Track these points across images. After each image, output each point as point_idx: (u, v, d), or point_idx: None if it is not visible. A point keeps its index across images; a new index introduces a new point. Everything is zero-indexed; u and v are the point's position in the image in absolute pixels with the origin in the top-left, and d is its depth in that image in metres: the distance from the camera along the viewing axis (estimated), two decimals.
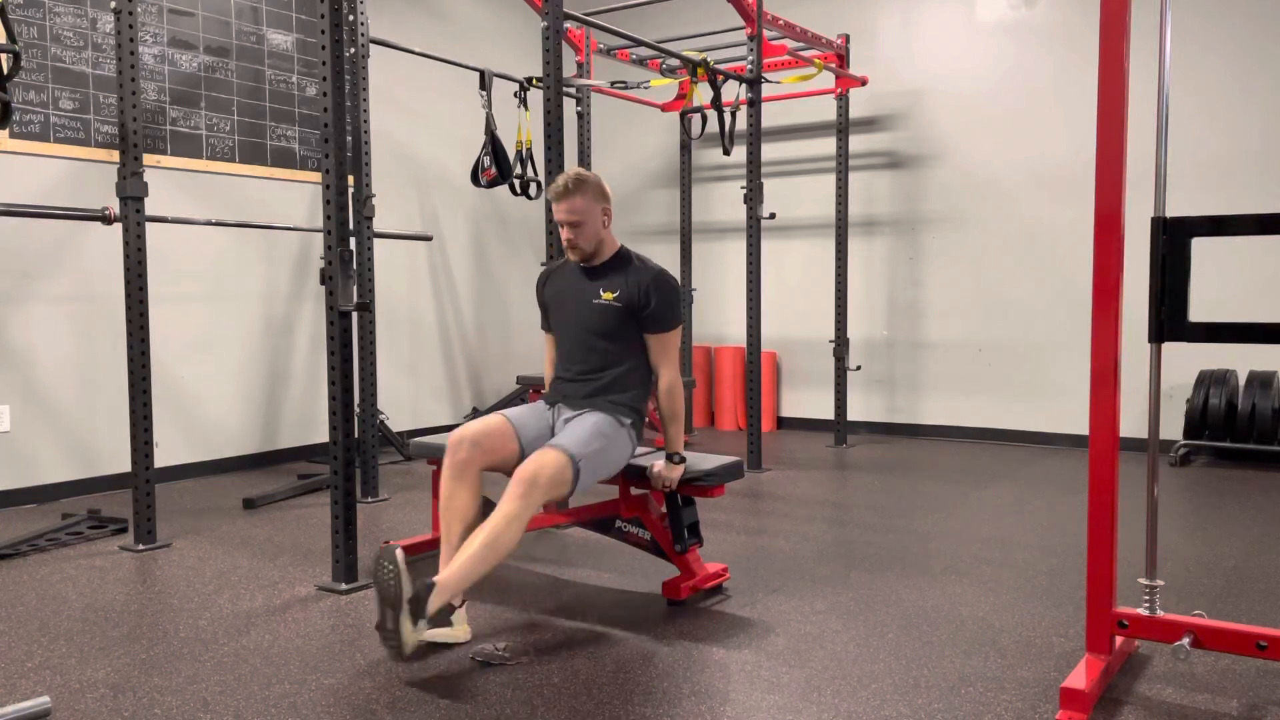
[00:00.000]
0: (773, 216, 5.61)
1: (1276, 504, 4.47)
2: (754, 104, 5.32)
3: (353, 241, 4.53)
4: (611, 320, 3.01)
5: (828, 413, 6.60)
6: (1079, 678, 2.30)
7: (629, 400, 3.02)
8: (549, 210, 3.82)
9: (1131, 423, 5.44)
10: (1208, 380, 5.41)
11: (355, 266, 4.35)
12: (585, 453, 2.80)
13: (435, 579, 2.53)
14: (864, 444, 6.32)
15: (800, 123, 6.89)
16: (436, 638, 2.65)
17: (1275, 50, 5.44)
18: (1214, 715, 2.29)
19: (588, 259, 3.07)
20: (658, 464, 3.04)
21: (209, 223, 4.68)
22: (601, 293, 3.02)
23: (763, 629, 2.88)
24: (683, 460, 3.04)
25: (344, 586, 3.24)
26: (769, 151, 6.81)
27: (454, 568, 2.58)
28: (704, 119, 5.69)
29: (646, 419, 3.14)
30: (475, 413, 6.74)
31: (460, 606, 2.64)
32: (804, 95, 6.51)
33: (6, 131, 4.44)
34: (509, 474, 2.79)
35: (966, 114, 6.31)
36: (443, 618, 2.54)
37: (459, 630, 2.71)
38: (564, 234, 3.01)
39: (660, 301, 3.02)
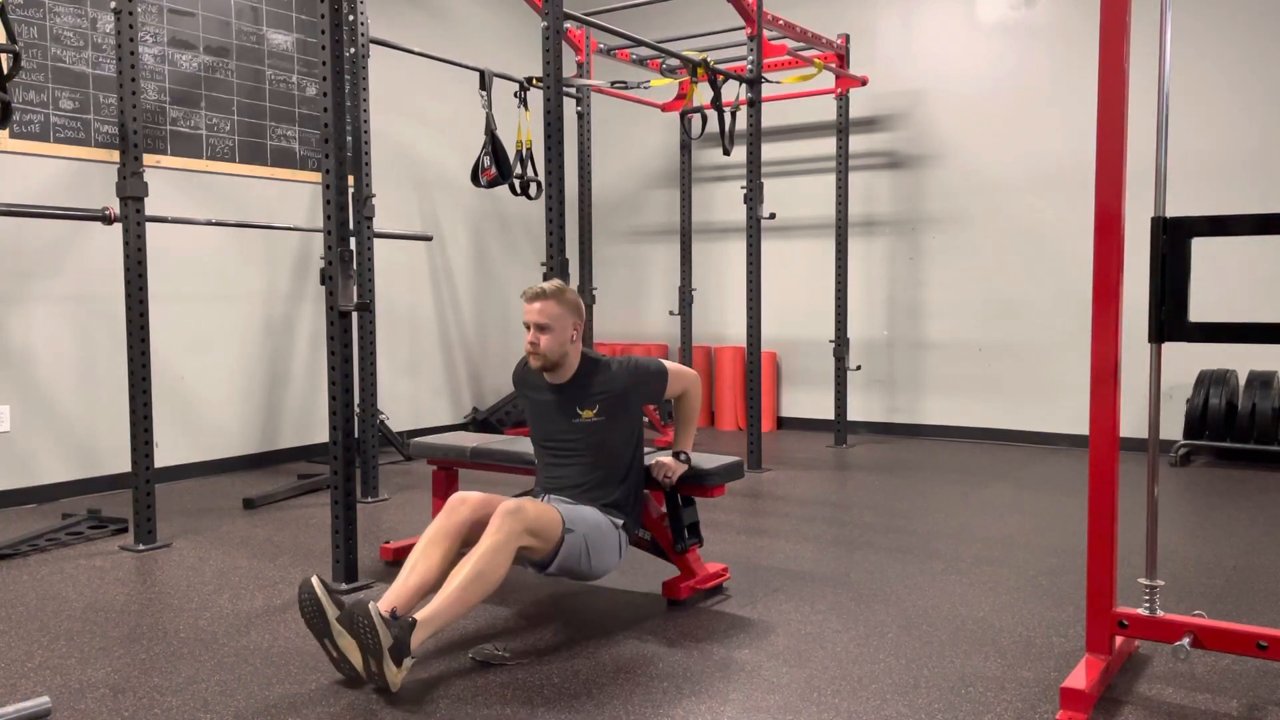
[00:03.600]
0: (773, 216, 5.61)
1: (1276, 504, 4.47)
2: (754, 104, 5.32)
3: (353, 241, 4.53)
4: (595, 435, 2.98)
5: (828, 413, 6.60)
6: (1079, 678, 2.30)
7: (617, 499, 2.98)
8: (549, 210, 3.82)
9: (1131, 423, 5.44)
10: (1208, 380, 5.41)
11: (355, 266, 4.35)
12: (576, 528, 2.79)
13: (417, 616, 2.44)
14: (864, 444, 6.32)
15: (800, 123, 6.89)
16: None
17: (1275, 50, 5.44)
18: (1214, 715, 2.29)
19: (549, 369, 2.99)
20: (664, 456, 3.08)
21: (209, 223, 4.68)
22: (580, 412, 2.98)
23: (763, 629, 2.88)
24: (688, 459, 3.08)
25: (344, 586, 3.24)
26: (769, 151, 6.81)
27: (438, 602, 2.50)
28: (704, 119, 5.69)
29: (644, 504, 3.11)
30: (475, 413, 6.74)
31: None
32: (804, 95, 6.51)
33: (6, 131, 4.44)
34: None
35: (966, 114, 6.31)
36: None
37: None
38: (529, 336, 2.96)
39: (644, 384, 3.02)
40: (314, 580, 2.41)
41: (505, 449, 3.50)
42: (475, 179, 5.21)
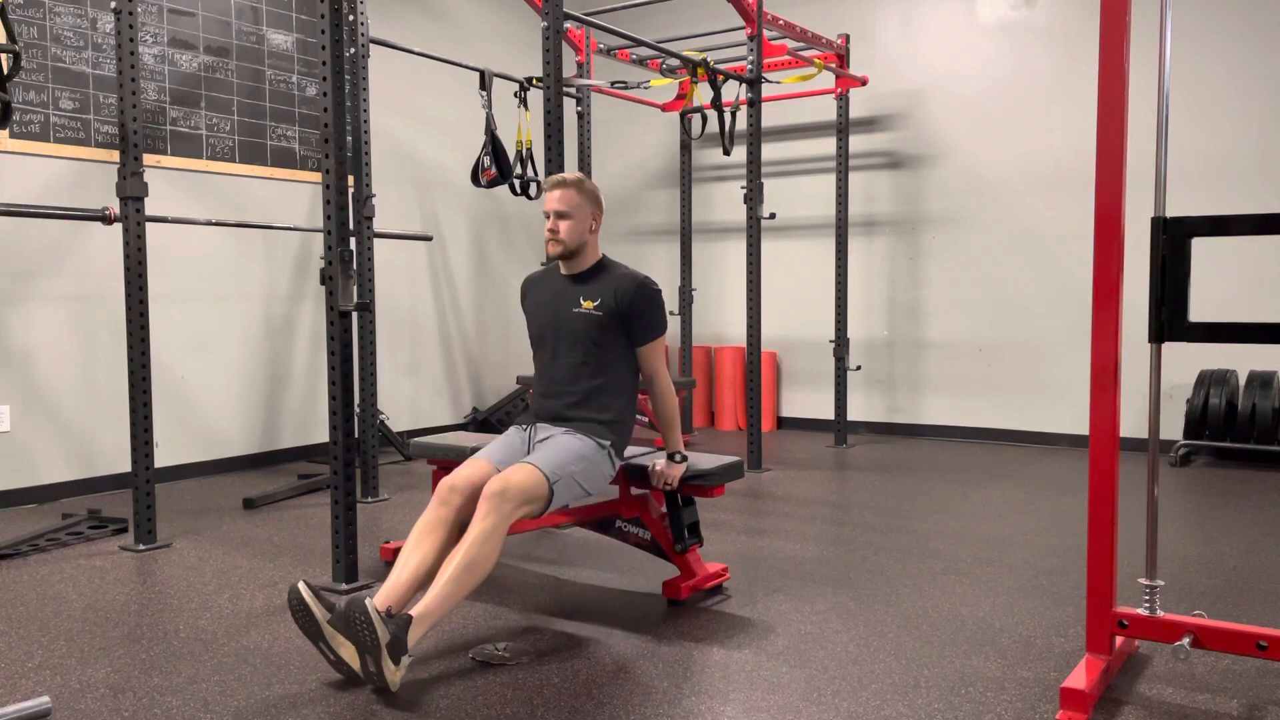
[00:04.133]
0: (773, 216, 5.61)
1: (1276, 504, 4.47)
2: (754, 104, 5.32)
3: (353, 241, 4.53)
4: (591, 331, 2.95)
5: (828, 413, 6.60)
6: (1079, 678, 2.30)
7: (610, 417, 2.96)
8: None
9: (1131, 423, 5.45)
10: (1208, 380, 5.41)
11: (355, 266, 4.35)
12: (561, 473, 2.75)
13: (412, 611, 2.43)
14: (864, 444, 6.32)
15: (800, 123, 6.89)
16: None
17: (1275, 50, 5.44)
18: (1214, 715, 2.29)
19: (567, 258, 3.00)
20: (659, 462, 3.04)
21: (209, 223, 4.68)
22: (582, 301, 2.97)
23: (763, 629, 2.88)
24: (684, 459, 3.04)
25: (344, 586, 3.24)
26: (769, 151, 6.81)
27: (432, 596, 2.48)
28: (704, 119, 5.69)
29: (634, 425, 3.10)
30: (475, 413, 6.74)
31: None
32: (804, 95, 6.51)
33: (6, 131, 4.44)
34: None
35: (966, 114, 6.31)
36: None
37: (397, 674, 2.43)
38: (548, 225, 2.96)
39: (646, 311, 2.98)
40: (301, 586, 2.39)
41: None
42: (475, 179, 5.21)
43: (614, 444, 2.96)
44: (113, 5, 3.72)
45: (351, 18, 4.56)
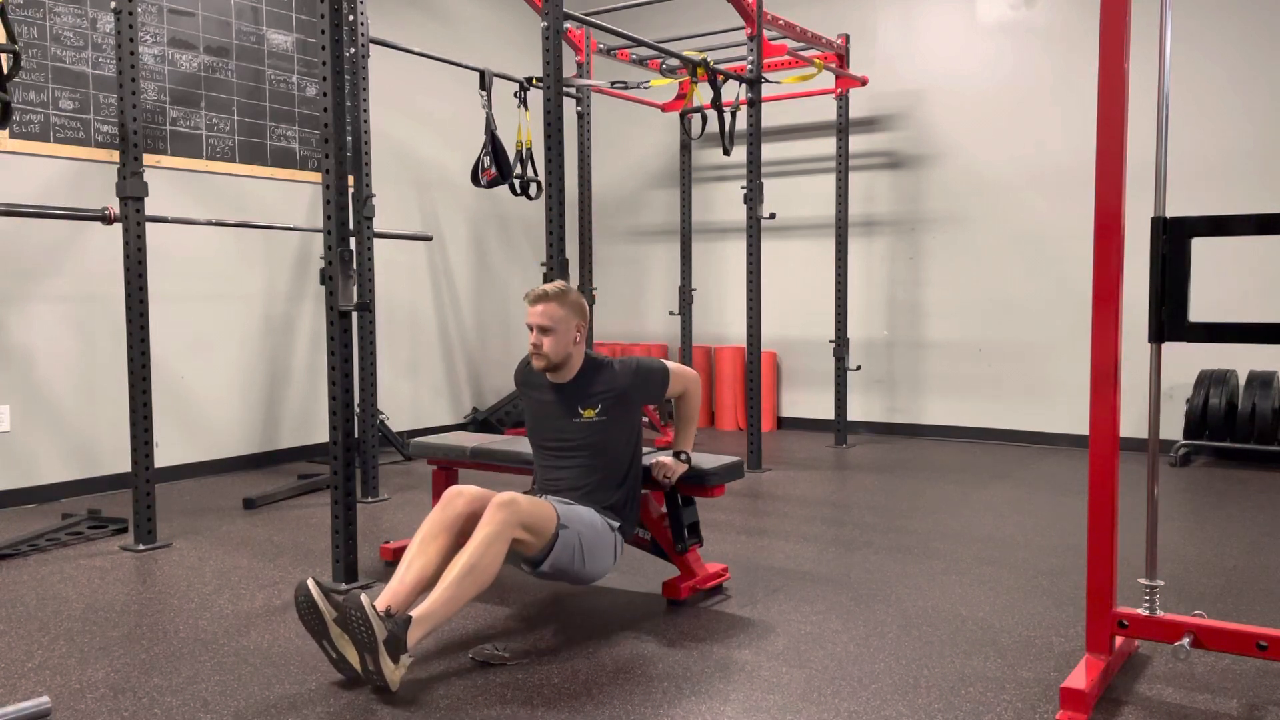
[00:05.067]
0: (773, 216, 5.61)
1: (1276, 504, 4.47)
2: (754, 104, 5.32)
3: (353, 241, 4.53)
4: (597, 435, 2.97)
5: (828, 413, 6.60)
6: (1079, 678, 2.30)
7: (618, 501, 2.98)
8: (549, 210, 3.82)
9: (1131, 423, 5.45)
10: (1208, 380, 5.40)
11: (355, 266, 4.35)
12: (571, 525, 2.77)
13: (412, 613, 2.43)
14: (864, 444, 6.32)
15: (800, 123, 6.89)
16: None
17: (1275, 50, 5.44)
18: (1214, 715, 2.29)
19: (552, 370, 2.99)
20: (665, 456, 3.08)
21: (209, 223, 4.68)
22: (582, 411, 2.98)
23: (763, 629, 2.88)
24: (688, 460, 3.09)
25: (344, 586, 3.24)
26: (769, 151, 6.81)
27: (433, 599, 2.49)
28: (704, 119, 5.69)
29: (639, 513, 3.10)
30: (475, 413, 6.74)
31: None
32: (804, 95, 6.51)
33: (6, 131, 4.44)
34: None
35: (966, 114, 6.31)
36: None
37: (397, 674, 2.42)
38: (531, 338, 2.96)
39: (645, 384, 3.02)
40: (310, 583, 2.40)
41: (505, 449, 3.50)
42: (475, 179, 5.21)
43: (621, 528, 2.98)
44: (113, 5, 3.72)
45: (351, 18, 4.56)
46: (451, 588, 2.50)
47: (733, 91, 5.82)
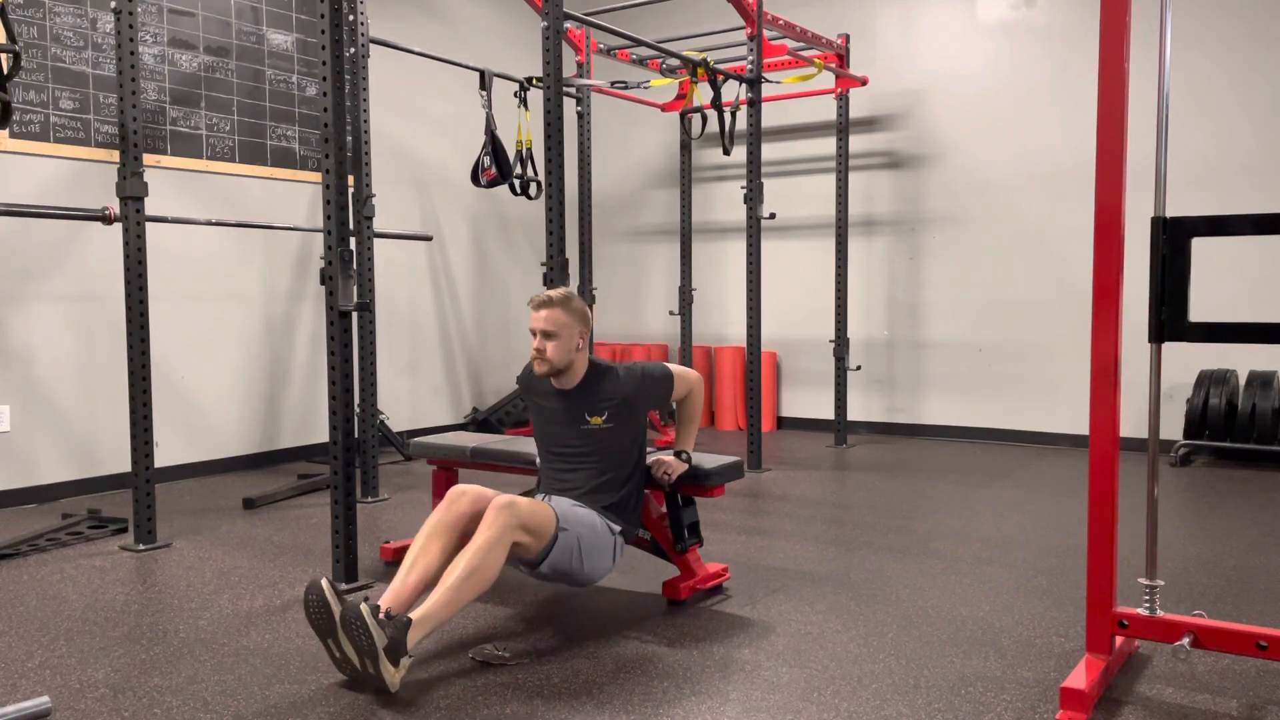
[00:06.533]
0: (773, 216, 5.61)
1: (1276, 504, 4.47)
2: (754, 104, 5.32)
3: (353, 241, 4.53)
4: (602, 442, 2.98)
5: (828, 413, 6.60)
6: (1079, 678, 2.30)
7: (620, 501, 2.98)
8: (549, 210, 3.82)
9: (1131, 423, 5.44)
10: (1208, 380, 5.40)
11: (355, 266, 4.35)
12: (571, 527, 2.78)
13: (411, 615, 2.43)
14: (864, 444, 6.32)
15: (800, 123, 6.89)
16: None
17: (1275, 51, 5.44)
18: (1214, 715, 2.29)
19: (555, 375, 2.99)
20: (666, 455, 3.10)
21: (209, 223, 4.68)
22: (589, 418, 2.98)
23: (763, 629, 2.88)
24: (689, 459, 3.10)
25: (344, 586, 3.24)
26: (769, 151, 6.81)
27: (433, 600, 2.49)
28: (704, 119, 5.69)
29: (641, 515, 3.10)
30: (475, 413, 6.74)
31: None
32: (804, 95, 6.51)
33: (6, 131, 4.44)
34: None
35: (966, 114, 6.31)
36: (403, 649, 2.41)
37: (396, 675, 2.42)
38: (535, 344, 2.95)
39: (651, 389, 3.05)
40: (323, 582, 2.40)
41: (505, 449, 3.49)
42: (475, 179, 5.21)
43: (622, 532, 2.98)
44: (113, 5, 3.72)
45: (351, 18, 4.56)
46: (451, 590, 2.51)
47: (733, 91, 5.82)
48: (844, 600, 3.14)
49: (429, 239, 5.87)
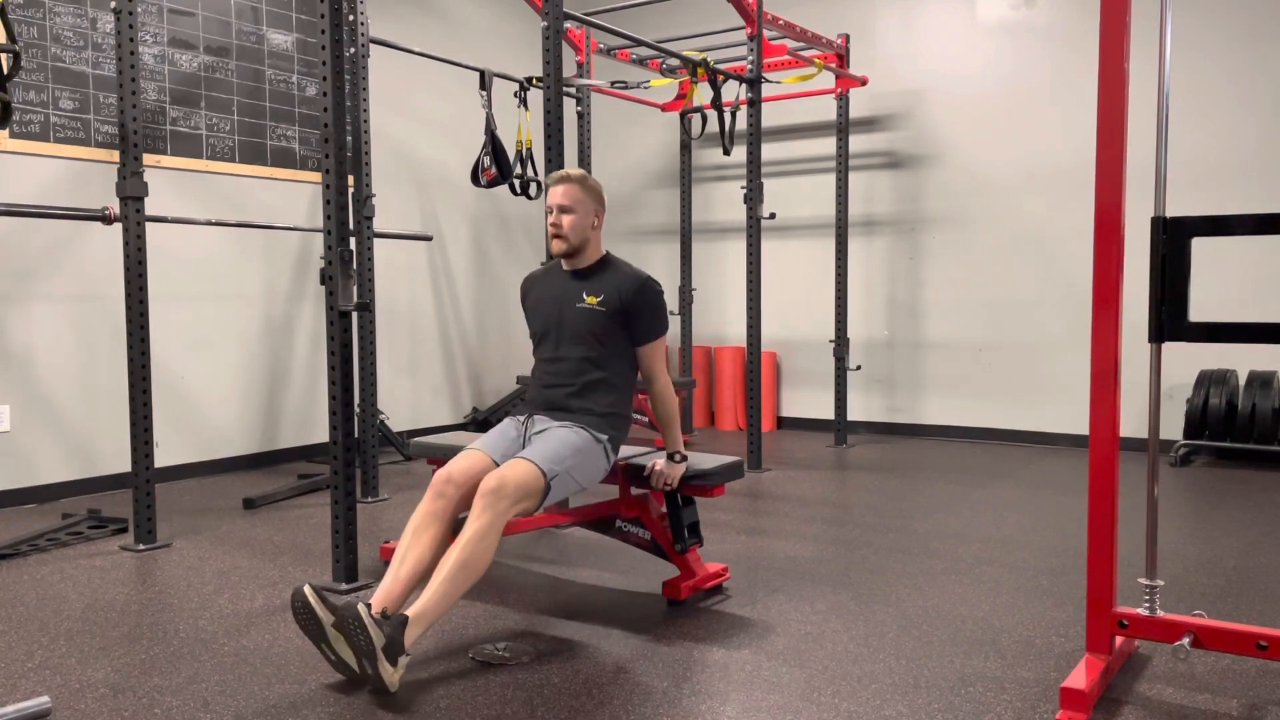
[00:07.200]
0: (773, 216, 5.61)
1: (1276, 504, 4.47)
2: (754, 104, 5.32)
3: (353, 241, 4.53)
4: (594, 325, 2.96)
5: (828, 413, 6.60)
6: (1079, 678, 2.30)
7: (608, 408, 2.95)
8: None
9: (1131, 423, 5.44)
10: (1208, 380, 5.41)
11: (355, 266, 4.35)
12: (558, 468, 2.74)
13: (408, 612, 2.42)
14: (864, 444, 6.32)
15: (800, 123, 6.89)
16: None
17: (1274, 50, 5.44)
18: (1214, 715, 2.29)
19: (571, 254, 3.01)
20: (659, 462, 3.03)
21: (209, 223, 4.68)
22: (585, 296, 2.98)
23: (763, 629, 2.88)
24: (684, 459, 3.04)
25: (344, 586, 3.24)
26: (769, 151, 6.81)
27: (428, 595, 2.47)
28: (704, 119, 5.69)
29: (632, 422, 3.10)
30: (475, 413, 6.74)
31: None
32: (804, 95, 6.51)
33: (6, 131, 4.44)
34: None
35: (966, 114, 6.31)
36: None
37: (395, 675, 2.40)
38: (551, 220, 2.98)
39: (648, 310, 2.99)
40: (306, 589, 2.38)
41: None
42: (475, 179, 5.22)
43: (611, 439, 2.96)
44: (113, 5, 3.72)
45: (351, 18, 4.56)
46: (446, 584, 2.49)
47: (733, 91, 5.82)
48: (844, 600, 3.14)
49: (429, 239, 5.86)
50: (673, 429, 3.06)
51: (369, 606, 2.38)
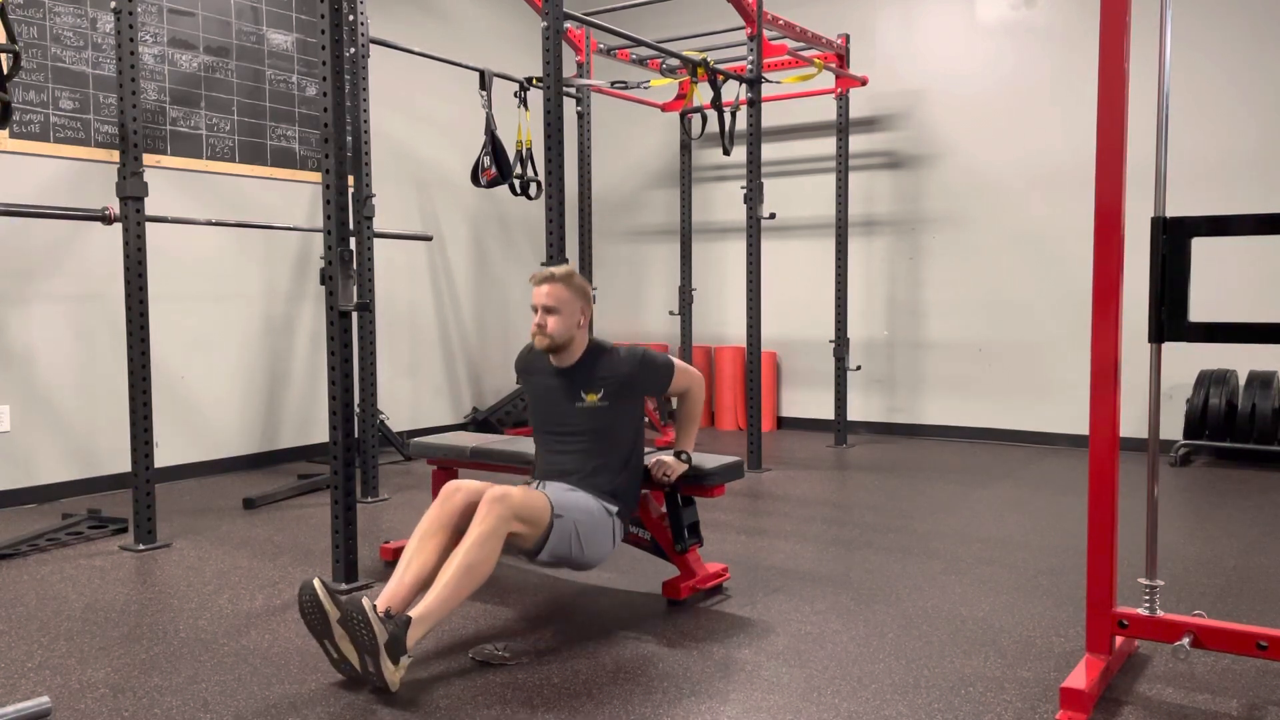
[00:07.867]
0: (773, 216, 5.61)
1: (1276, 504, 4.47)
2: (754, 104, 5.32)
3: (353, 241, 4.53)
4: (598, 420, 2.98)
5: (828, 413, 6.60)
6: (1079, 678, 2.30)
7: (616, 487, 2.98)
8: (549, 210, 3.82)
9: (1131, 423, 5.43)
10: (1208, 380, 5.40)
11: (355, 266, 4.35)
12: (566, 513, 2.78)
13: (411, 612, 2.44)
14: (864, 444, 6.32)
15: (800, 123, 6.89)
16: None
17: (1274, 50, 5.44)
18: (1214, 715, 2.29)
19: (555, 351, 2.99)
20: (665, 455, 3.09)
21: (209, 223, 4.68)
22: (584, 395, 2.98)
23: (763, 629, 2.88)
24: (689, 460, 3.09)
25: (344, 586, 3.24)
26: (769, 151, 6.81)
27: (431, 597, 2.49)
28: (704, 119, 5.69)
29: (639, 500, 3.10)
30: (475, 413, 6.74)
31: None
32: (804, 95, 6.51)
33: (6, 131, 4.44)
34: None
35: (966, 114, 6.31)
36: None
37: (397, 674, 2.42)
38: (536, 319, 2.95)
39: (649, 374, 3.04)
40: (315, 582, 2.40)
41: (505, 449, 3.50)
42: (475, 179, 5.22)
43: (619, 513, 2.98)
44: (113, 5, 3.72)
45: (351, 18, 4.56)
46: (448, 586, 2.51)
47: (733, 91, 5.82)
48: (844, 600, 3.14)
49: (429, 239, 5.87)
50: (689, 428, 3.14)
51: (374, 604, 2.38)
